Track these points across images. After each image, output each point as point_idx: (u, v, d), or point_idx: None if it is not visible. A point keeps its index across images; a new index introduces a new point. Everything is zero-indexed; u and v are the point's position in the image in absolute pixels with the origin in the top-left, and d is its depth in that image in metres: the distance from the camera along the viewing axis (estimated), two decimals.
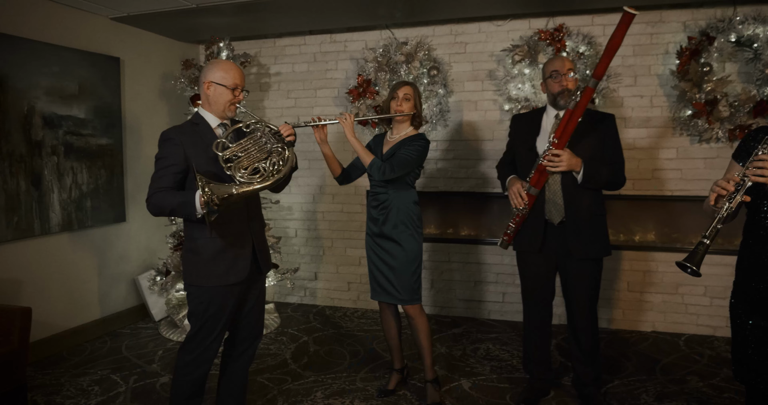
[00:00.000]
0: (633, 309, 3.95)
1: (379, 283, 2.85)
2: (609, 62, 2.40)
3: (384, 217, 2.80)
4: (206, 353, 2.25)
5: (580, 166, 2.53)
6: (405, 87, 2.80)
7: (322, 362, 3.42)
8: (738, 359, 1.83)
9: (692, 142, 3.77)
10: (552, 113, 2.71)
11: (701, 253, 1.64)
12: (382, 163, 2.72)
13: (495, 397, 2.95)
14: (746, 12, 3.58)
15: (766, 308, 1.73)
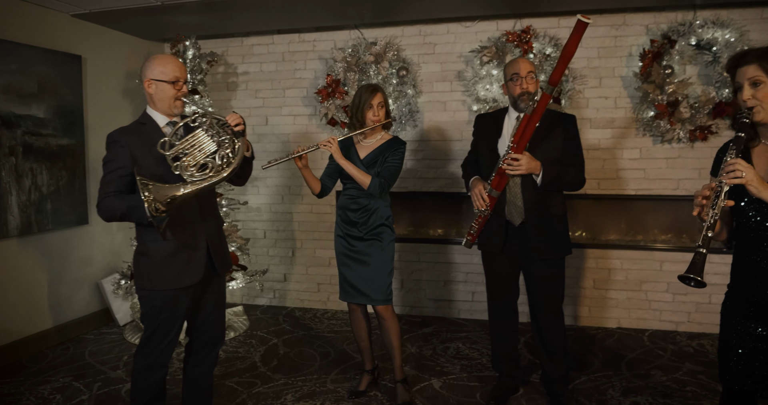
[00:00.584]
0: (599, 306, 4.02)
1: (352, 284, 2.84)
2: (564, 69, 2.43)
3: (366, 219, 2.80)
4: (162, 357, 2.21)
5: (539, 170, 2.57)
6: (378, 95, 2.77)
7: (292, 364, 3.39)
8: (724, 360, 1.85)
9: (655, 142, 3.87)
10: (513, 115, 2.74)
11: (700, 262, 1.64)
12: (379, 181, 2.74)
13: (465, 395, 2.96)
14: (705, 16, 3.68)
15: (757, 312, 1.75)
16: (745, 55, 1.71)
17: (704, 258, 1.62)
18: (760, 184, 1.60)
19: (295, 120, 4.46)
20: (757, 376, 1.73)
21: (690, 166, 3.82)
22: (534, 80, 2.67)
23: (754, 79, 1.67)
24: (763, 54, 1.67)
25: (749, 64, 1.68)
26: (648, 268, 3.92)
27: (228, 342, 3.77)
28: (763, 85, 1.66)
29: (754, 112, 1.68)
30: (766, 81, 1.65)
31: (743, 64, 1.70)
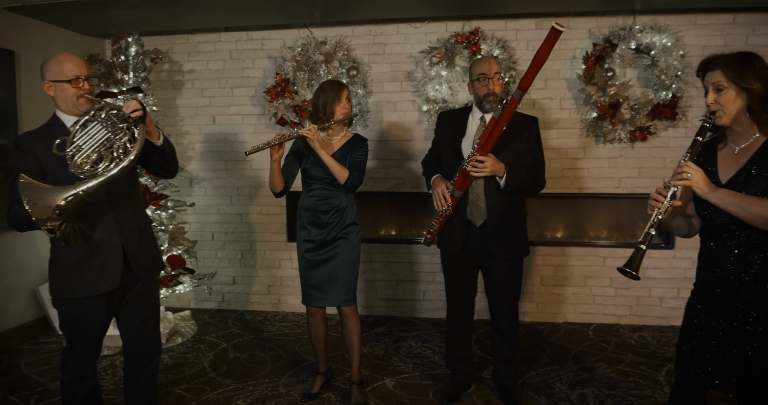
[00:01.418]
0: (546, 302, 4.13)
1: (318, 287, 2.80)
2: (535, 75, 2.43)
3: (338, 219, 2.77)
4: (87, 368, 2.12)
5: (503, 172, 2.60)
6: (345, 89, 2.77)
7: (242, 369, 3.32)
8: (682, 352, 1.91)
9: (598, 142, 4.00)
10: (477, 115, 2.76)
11: (638, 258, 1.71)
12: (354, 176, 2.72)
13: (418, 394, 2.98)
14: (644, 22, 3.83)
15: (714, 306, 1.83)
16: (712, 61, 1.76)
17: (643, 253, 1.69)
18: (706, 186, 1.68)
19: (244, 119, 4.37)
20: (708, 368, 1.81)
21: (630, 166, 3.97)
22: (500, 81, 2.69)
23: (717, 84, 1.73)
24: (727, 61, 1.73)
25: (714, 70, 1.74)
26: (592, 264, 4.05)
27: (175, 348, 3.66)
28: (725, 91, 1.72)
29: (716, 117, 1.75)
30: (728, 87, 1.71)
31: (709, 70, 1.76)
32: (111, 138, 1.96)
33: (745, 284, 1.73)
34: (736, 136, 1.80)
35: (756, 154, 1.72)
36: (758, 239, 1.71)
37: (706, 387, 1.86)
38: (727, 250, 1.77)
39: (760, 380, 1.71)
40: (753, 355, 1.72)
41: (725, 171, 1.80)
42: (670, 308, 3.96)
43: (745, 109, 1.72)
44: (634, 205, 4.04)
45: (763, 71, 1.69)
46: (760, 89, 1.68)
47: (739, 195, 1.67)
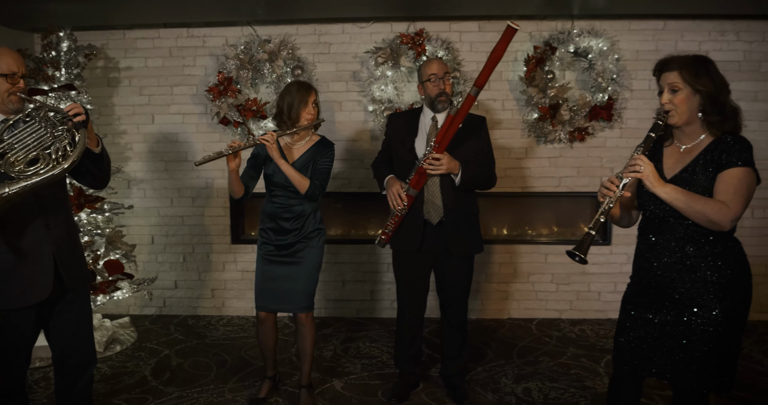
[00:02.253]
0: (491, 299, 4.22)
1: (273, 294, 2.75)
2: (490, 72, 2.49)
3: (300, 225, 2.72)
4: (15, 384, 2.02)
5: (458, 169, 2.64)
6: (313, 93, 2.72)
7: (186, 376, 3.23)
8: (619, 343, 2.00)
9: (539, 142, 4.11)
10: (429, 115, 2.79)
11: (587, 242, 1.77)
12: (316, 185, 2.66)
13: (367, 394, 2.98)
14: (582, 26, 3.97)
15: (649, 298, 1.92)
16: (669, 62, 1.84)
17: (591, 238, 1.76)
18: (655, 180, 1.76)
19: (185, 118, 4.24)
20: (645, 357, 1.90)
21: (570, 165, 4.11)
22: (451, 81, 2.75)
23: (673, 85, 1.81)
24: (684, 63, 1.81)
25: (671, 71, 1.82)
26: (535, 261, 4.17)
27: (114, 356, 3.51)
28: (680, 92, 1.80)
29: (669, 116, 1.83)
30: (682, 89, 1.80)
31: (666, 70, 1.84)
32: (48, 139, 1.86)
33: (681, 275, 1.82)
34: (683, 136, 1.89)
35: (700, 155, 1.82)
36: (695, 233, 1.81)
37: (642, 375, 1.95)
38: (666, 242, 1.86)
39: (692, 365, 1.80)
40: (687, 344, 1.81)
41: (670, 168, 1.89)
42: (608, 302, 4.13)
43: (697, 111, 1.81)
44: (574, 203, 4.19)
45: (715, 74, 1.79)
46: (712, 92, 1.77)
47: (686, 192, 1.76)
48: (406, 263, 2.86)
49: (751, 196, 1.77)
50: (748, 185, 1.74)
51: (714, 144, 1.80)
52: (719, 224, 1.72)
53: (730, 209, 1.71)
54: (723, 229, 1.75)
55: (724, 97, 1.79)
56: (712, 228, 1.75)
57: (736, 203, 1.72)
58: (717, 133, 1.81)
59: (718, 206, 1.71)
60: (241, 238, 4.30)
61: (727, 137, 1.78)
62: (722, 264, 1.79)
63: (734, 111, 1.81)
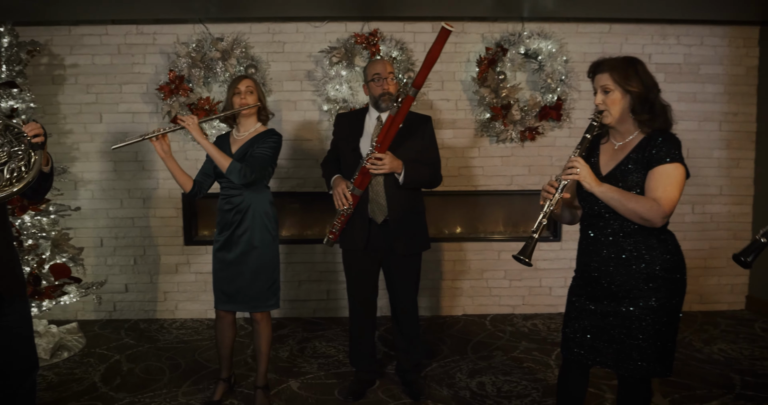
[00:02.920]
0: (447, 296, 4.28)
1: (226, 291, 2.72)
2: (428, 73, 2.53)
3: (239, 219, 2.68)
4: None
5: (401, 168, 2.66)
6: (245, 80, 2.69)
7: (137, 381, 3.15)
8: (565, 334, 2.08)
9: (491, 141, 4.20)
10: (374, 115, 2.81)
11: (531, 246, 1.83)
12: (241, 165, 2.58)
13: (323, 393, 2.98)
14: (532, 28, 4.08)
15: (592, 291, 1.99)
16: (601, 64, 1.92)
17: (535, 242, 1.82)
18: (592, 181, 1.84)
19: (135, 118, 4.14)
20: (589, 347, 1.98)
21: (521, 164, 4.21)
22: (394, 81, 2.76)
23: (605, 87, 1.89)
24: (615, 65, 1.88)
25: (603, 73, 1.90)
26: (488, 258, 4.26)
27: (61, 363, 3.40)
28: (611, 93, 1.88)
29: (603, 116, 1.91)
30: (613, 89, 1.88)
31: (598, 72, 1.92)
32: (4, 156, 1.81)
33: (618, 268, 1.91)
34: (617, 134, 1.97)
35: (632, 151, 1.90)
36: (630, 228, 1.90)
37: (588, 364, 2.04)
38: (603, 237, 1.95)
39: (633, 353, 1.89)
40: (627, 333, 1.90)
41: (606, 164, 1.98)
42: (559, 296, 4.25)
43: (629, 110, 1.89)
44: (526, 200, 4.29)
45: (644, 75, 1.87)
46: (641, 92, 1.85)
47: (620, 191, 1.84)
48: (354, 262, 2.88)
49: (681, 192, 1.85)
50: (677, 181, 1.83)
51: (645, 141, 1.89)
52: (651, 221, 1.81)
53: (660, 207, 1.80)
54: (655, 226, 1.83)
55: (654, 96, 1.87)
56: (644, 224, 1.84)
57: (666, 200, 1.80)
58: (647, 131, 1.90)
59: (649, 204, 1.80)
60: (194, 240, 4.22)
61: (657, 135, 1.87)
62: (657, 256, 1.88)
63: (664, 109, 1.90)
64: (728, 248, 4.35)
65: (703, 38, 4.23)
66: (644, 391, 1.98)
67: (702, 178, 4.28)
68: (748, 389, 2.98)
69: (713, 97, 4.26)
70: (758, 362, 3.33)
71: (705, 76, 4.25)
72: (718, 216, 4.33)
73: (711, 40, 4.23)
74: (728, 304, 4.38)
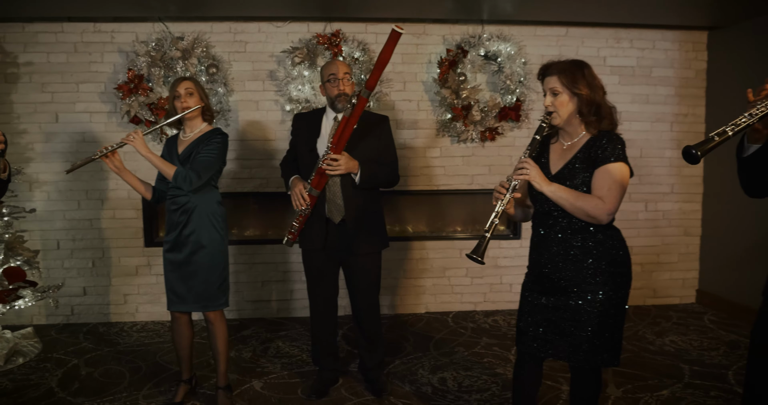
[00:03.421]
0: (410, 294, 4.33)
1: (177, 292, 2.71)
2: (380, 75, 2.54)
3: (186, 220, 2.66)
4: None
5: (357, 169, 2.68)
6: (184, 82, 2.67)
7: (96, 385, 3.09)
8: (519, 328, 2.15)
9: (452, 142, 4.27)
10: (331, 116, 2.83)
11: (484, 245, 1.89)
12: (186, 172, 2.57)
13: (287, 393, 2.99)
14: (492, 31, 4.16)
15: (543, 285, 2.07)
16: (550, 67, 1.99)
17: (487, 241, 1.88)
18: (542, 181, 1.91)
19: (92, 117, 4.06)
20: (542, 340, 2.06)
21: (482, 163, 4.29)
22: (350, 82, 2.77)
23: (553, 89, 1.96)
24: (562, 68, 1.96)
25: (551, 76, 1.97)
26: (450, 256, 4.32)
27: (16, 369, 3.31)
28: (559, 95, 1.95)
29: (552, 118, 1.98)
30: (562, 92, 1.95)
31: (547, 75, 1.99)
32: None
33: (567, 264, 1.99)
34: (566, 134, 2.05)
35: (579, 151, 1.98)
36: (577, 225, 1.98)
37: (541, 357, 2.11)
38: (553, 234, 2.03)
39: (583, 344, 1.97)
40: (577, 325, 1.97)
41: (555, 163, 2.05)
42: (518, 293, 4.31)
43: (576, 111, 1.96)
44: (486, 200, 4.33)
45: (590, 78, 1.95)
46: (588, 94, 1.93)
47: (568, 190, 1.91)
48: (314, 261, 2.90)
49: (625, 190, 1.94)
50: (621, 180, 1.91)
51: (591, 141, 1.97)
52: (597, 218, 1.89)
53: (605, 204, 1.88)
54: (601, 223, 1.91)
55: (600, 98, 1.96)
56: (591, 221, 1.92)
57: (611, 198, 1.89)
58: (594, 132, 1.98)
59: (594, 202, 1.88)
60: (155, 241, 4.17)
61: (603, 135, 1.96)
62: (603, 251, 1.97)
63: (610, 111, 1.98)
64: (680, 244, 4.52)
65: (655, 42, 4.38)
66: (596, 380, 2.07)
67: (654, 177, 4.45)
68: (696, 378, 3.11)
69: (665, 98, 4.42)
70: (706, 352, 3.48)
71: (657, 79, 4.41)
72: (670, 213, 4.50)
73: (662, 44, 4.39)
74: (680, 297, 4.56)
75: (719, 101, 4.33)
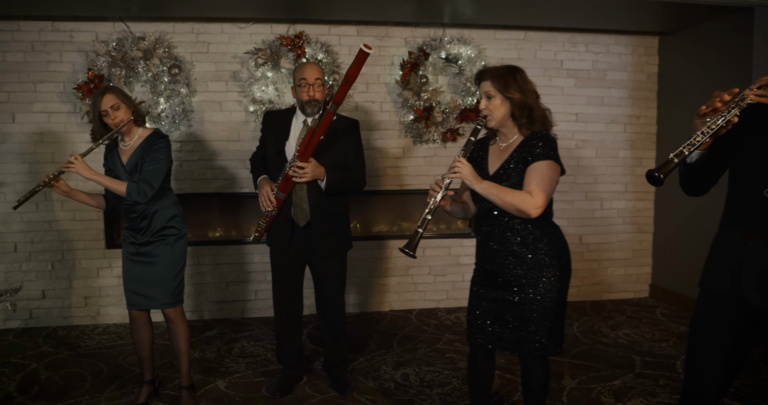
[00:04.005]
0: (374, 292, 4.39)
1: (137, 291, 2.71)
2: (346, 91, 2.57)
3: (146, 225, 2.68)
4: None
5: (324, 176, 2.72)
6: (106, 97, 2.57)
7: (57, 389, 3.05)
8: (469, 321, 2.25)
9: (415, 142, 4.35)
10: (301, 118, 2.85)
11: (416, 239, 1.97)
12: (138, 186, 2.58)
13: (251, 391, 3.01)
14: (453, 34, 4.25)
15: (488, 278, 2.16)
16: (484, 72, 2.09)
17: (419, 236, 1.98)
18: (473, 179, 2.00)
19: (51, 118, 4.00)
20: (490, 332, 2.15)
21: (443, 164, 4.38)
22: (321, 87, 2.77)
23: (487, 93, 2.06)
24: (496, 73, 2.05)
25: (486, 80, 2.06)
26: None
27: None
28: (494, 99, 2.05)
29: (487, 120, 2.07)
30: (495, 96, 2.05)
31: (483, 80, 2.09)
32: None
33: (509, 259, 2.09)
34: (502, 136, 2.15)
35: (514, 152, 2.09)
36: (515, 223, 2.08)
37: (491, 348, 2.22)
38: (495, 232, 2.13)
39: (528, 336, 2.08)
40: (521, 317, 2.09)
41: (493, 164, 2.15)
42: None
43: (509, 114, 2.06)
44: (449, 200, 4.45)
45: (522, 83, 2.05)
46: (520, 98, 2.03)
47: (498, 186, 2.01)
48: (280, 261, 2.94)
49: (554, 186, 2.05)
50: (549, 177, 2.02)
51: (524, 142, 2.08)
52: (526, 212, 1.99)
53: (533, 198, 1.98)
54: (530, 216, 2.01)
55: (532, 101, 2.06)
56: (521, 216, 2.02)
57: (538, 193, 1.99)
58: (527, 133, 2.08)
59: (522, 197, 1.98)
60: (116, 243, 4.12)
61: (535, 136, 2.06)
62: (542, 247, 2.08)
63: (543, 113, 2.09)
64: (633, 241, 4.70)
65: (609, 46, 4.55)
66: (544, 368, 2.17)
67: (609, 177, 4.61)
68: (646, 368, 3.26)
69: (618, 101, 4.59)
70: (657, 344, 3.64)
71: (611, 82, 4.57)
72: (624, 211, 4.67)
73: (616, 48, 4.56)
74: (634, 292, 4.74)
75: (670, 103, 4.52)
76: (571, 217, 4.56)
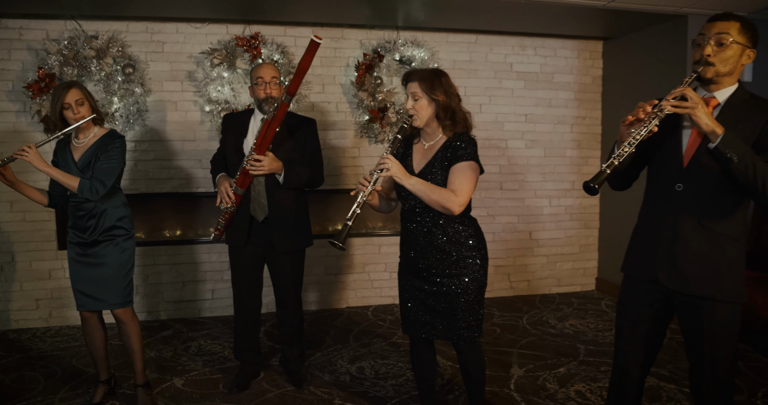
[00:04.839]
0: (331, 290, 4.46)
1: (86, 292, 2.70)
2: (300, 81, 2.65)
3: (94, 224, 2.67)
4: None
5: (281, 170, 2.79)
6: (72, 91, 2.57)
7: (9, 392, 3.01)
8: (402, 313, 2.35)
9: (370, 142, 4.44)
10: (258, 117, 2.91)
11: (345, 232, 2.05)
12: (91, 183, 2.56)
13: (208, 388, 3.04)
14: (407, 37, 4.36)
15: (414, 270, 2.28)
16: (412, 74, 2.20)
17: (348, 229, 2.06)
18: (402, 175, 2.10)
19: None
20: (421, 322, 2.28)
21: None
22: (278, 85, 2.86)
23: (414, 94, 2.16)
24: (423, 76, 2.16)
25: (413, 82, 2.17)
26: (369, 252, 4.49)
27: None
28: (420, 100, 2.16)
29: (413, 120, 2.17)
30: (421, 97, 2.15)
31: (410, 81, 2.19)
32: None
33: (433, 254, 2.22)
34: (427, 135, 2.27)
35: (438, 151, 2.21)
36: (439, 220, 2.20)
37: (430, 339, 2.34)
38: (419, 228, 2.25)
39: (456, 323, 2.21)
40: (448, 307, 2.22)
41: (418, 163, 2.27)
42: None
43: (434, 115, 2.17)
44: None
45: (447, 86, 2.17)
46: (444, 100, 2.15)
47: (426, 183, 2.13)
48: (238, 258, 2.98)
49: (475, 185, 2.18)
50: (471, 177, 2.15)
51: (448, 142, 2.20)
52: (450, 209, 2.11)
53: (457, 197, 2.10)
54: (453, 213, 2.13)
55: (455, 104, 2.18)
56: (445, 213, 2.14)
57: (462, 191, 2.11)
58: (450, 134, 2.20)
59: (447, 195, 2.10)
60: None
61: (458, 137, 2.18)
62: (463, 242, 2.20)
63: (465, 116, 2.22)
64: (580, 236, 4.91)
65: (557, 50, 4.74)
66: (476, 351, 2.30)
67: (557, 175, 4.81)
68: (589, 356, 3.44)
69: (565, 102, 4.79)
70: (600, 333, 3.83)
71: (558, 84, 4.77)
72: (571, 208, 4.88)
73: (563, 52, 4.75)
74: (581, 285, 4.96)
75: (613, 105, 4.74)
76: (521, 214, 4.73)
